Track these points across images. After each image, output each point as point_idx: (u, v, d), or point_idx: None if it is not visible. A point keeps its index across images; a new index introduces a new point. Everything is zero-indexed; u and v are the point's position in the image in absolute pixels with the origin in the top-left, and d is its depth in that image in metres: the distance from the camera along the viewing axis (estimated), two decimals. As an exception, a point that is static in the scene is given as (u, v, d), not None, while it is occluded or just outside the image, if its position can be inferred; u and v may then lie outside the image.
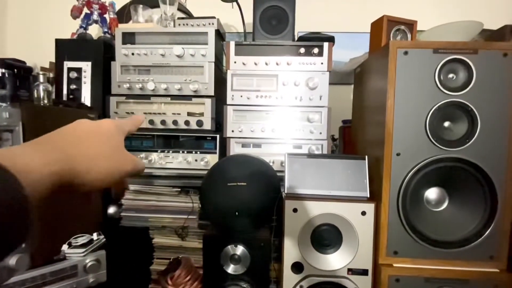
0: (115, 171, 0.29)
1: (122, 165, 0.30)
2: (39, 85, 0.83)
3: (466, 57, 0.69)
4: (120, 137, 0.31)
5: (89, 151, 0.28)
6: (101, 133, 0.30)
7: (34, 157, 0.23)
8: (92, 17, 1.13)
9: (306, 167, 0.79)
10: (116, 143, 0.30)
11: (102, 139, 0.29)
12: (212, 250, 0.79)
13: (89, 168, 0.27)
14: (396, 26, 0.84)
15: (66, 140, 0.27)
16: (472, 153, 0.69)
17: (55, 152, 0.25)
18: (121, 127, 0.33)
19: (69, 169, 0.25)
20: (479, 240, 0.70)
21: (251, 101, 1.01)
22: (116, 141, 0.31)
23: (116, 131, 0.31)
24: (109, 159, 0.29)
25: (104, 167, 0.28)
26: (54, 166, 0.24)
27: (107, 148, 0.29)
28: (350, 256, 0.75)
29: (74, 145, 0.27)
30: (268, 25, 1.02)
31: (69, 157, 0.26)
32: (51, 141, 0.27)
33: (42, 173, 0.23)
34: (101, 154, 0.29)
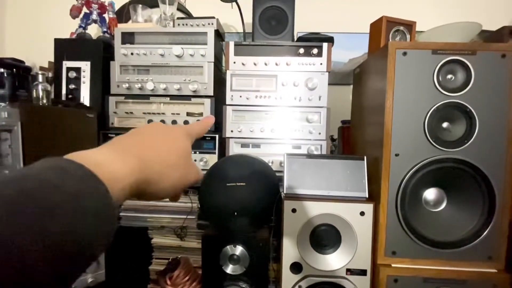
0: (182, 181, 0.29)
1: (188, 175, 0.30)
2: (38, 85, 0.83)
3: (465, 58, 0.69)
4: (189, 146, 0.31)
5: (164, 160, 0.27)
6: (175, 140, 0.29)
7: (118, 165, 0.22)
8: (91, 17, 1.13)
9: (305, 168, 0.80)
10: (186, 152, 0.30)
11: (176, 147, 0.29)
12: (211, 250, 0.79)
13: (161, 177, 0.26)
14: (395, 26, 0.85)
15: (144, 145, 0.27)
16: (470, 154, 0.70)
17: (135, 160, 0.24)
18: (191, 134, 0.32)
19: (145, 178, 0.25)
20: (477, 241, 0.70)
21: (250, 101, 1.01)
22: (186, 150, 0.30)
23: (187, 139, 0.31)
24: (179, 169, 0.28)
25: (174, 176, 0.28)
26: (136, 174, 0.24)
27: (178, 157, 0.29)
28: (349, 256, 0.75)
29: (151, 152, 0.26)
30: (268, 26, 1.02)
31: (146, 166, 0.25)
32: (129, 146, 0.26)
33: (125, 181, 0.22)
34: (173, 163, 0.28)
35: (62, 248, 0.17)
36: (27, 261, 0.15)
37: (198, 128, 0.34)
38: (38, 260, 0.15)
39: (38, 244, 0.16)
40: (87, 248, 0.18)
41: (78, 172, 0.19)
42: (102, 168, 0.21)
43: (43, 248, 0.16)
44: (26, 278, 0.15)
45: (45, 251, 0.16)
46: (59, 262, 0.17)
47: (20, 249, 0.15)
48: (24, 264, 0.15)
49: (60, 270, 0.17)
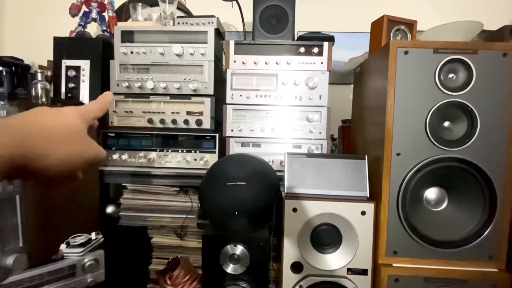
0: (76, 156, 0.29)
1: (83, 151, 0.30)
2: (37, 83, 0.83)
3: (466, 57, 0.69)
4: (82, 125, 0.31)
5: (49, 135, 0.27)
6: (63, 118, 0.30)
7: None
8: (91, 15, 1.12)
9: (305, 167, 0.79)
10: (78, 130, 0.30)
11: (64, 125, 0.29)
12: (211, 250, 0.78)
13: (49, 151, 0.27)
14: (396, 26, 0.84)
15: (24, 124, 0.27)
16: (471, 153, 0.69)
17: (10, 135, 0.25)
18: (85, 115, 0.32)
19: (22, 152, 0.25)
20: (478, 240, 0.70)
21: (250, 101, 1.00)
22: (78, 128, 0.30)
23: (78, 118, 0.31)
24: (71, 144, 0.29)
25: (64, 151, 0.28)
26: (8, 149, 0.24)
27: (69, 133, 0.29)
28: (350, 256, 0.75)
29: (33, 129, 0.27)
30: (268, 24, 1.02)
31: (23, 141, 0.25)
32: (6, 124, 0.26)
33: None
34: (62, 138, 0.28)
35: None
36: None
37: (93, 106, 0.34)
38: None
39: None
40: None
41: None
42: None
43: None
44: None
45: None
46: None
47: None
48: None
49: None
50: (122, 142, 1.02)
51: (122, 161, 1.01)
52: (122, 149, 1.02)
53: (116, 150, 1.02)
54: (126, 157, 1.01)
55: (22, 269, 0.68)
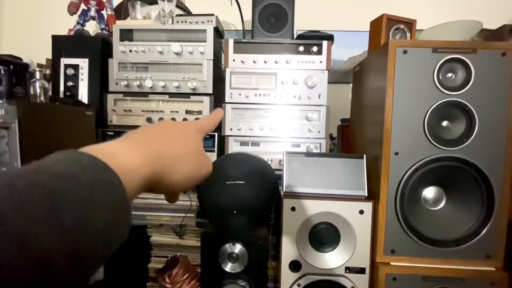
0: (196, 173, 0.29)
1: (202, 167, 0.30)
2: (36, 82, 0.82)
3: (465, 57, 0.69)
4: (200, 140, 0.31)
5: (176, 152, 0.27)
6: (186, 134, 0.30)
7: (130, 156, 0.22)
8: (89, 14, 1.12)
9: (304, 166, 0.79)
10: (197, 146, 0.30)
11: (187, 140, 0.29)
12: (210, 248, 0.79)
13: (175, 169, 0.27)
14: (395, 25, 0.84)
15: (156, 139, 0.27)
16: (470, 152, 0.70)
17: (149, 151, 0.24)
18: (201, 128, 0.33)
19: (158, 170, 0.25)
20: (476, 239, 0.71)
21: (249, 99, 1.00)
22: (197, 144, 0.30)
23: (198, 134, 0.31)
24: (192, 161, 0.29)
25: (188, 168, 0.28)
26: (149, 165, 0.24)
27: (191, 150, 0.29)
28: (348, 254, 0.75)
29: (163, 145, 0.27)
30: (267, 23, 1.01)
31: (160, 157, 0.25)
32: (141, 139, 0.26)
33: (139, 172, 0.22)
34: (187, 155, 0.28)
35: (77, 238, 0.16)
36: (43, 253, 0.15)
37: (208, 122, 0.35)
38: (54, 251, 0.15)
39: (53, 236, 0.15)
40: (102, 239, 0.18)
41: (90, 163, 0.19)
42: (115, 159, 0.21)
43: (58, 239, 0.15)
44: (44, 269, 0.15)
45: (60, 242, 0.16)
46: (75, 253, 0.16)
47: (36, 241, 0.15)
48: (40, 256, 0.15)
49: (76, 261, 0.16)
50: (121, 140, 1.02)
51: (121, 160, 1.01)
52: (121, 148, 1.02)
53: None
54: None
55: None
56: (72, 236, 0.16)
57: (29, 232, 0.15)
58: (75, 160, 0.19)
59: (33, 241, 0.15)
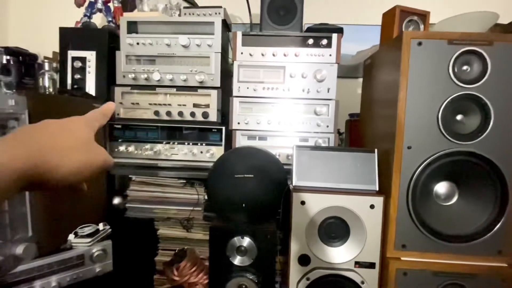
0: (88, 165, 0.29)
1: (94, 159, 0.30)
2: (45, 73, 0.82)
3: (481, 49, 0.67)
4: (89, 133, 0.32)
5: (60, 145, 0.28)
6: (71, 128, 0.30)
7: (1, 151, 0.23)
8: (96, 6, 1.11)
9: (314, 160, 0.79)
10: (86, 138, 0.30)
11: (73, 134, 0.29)
12: (218, 242, 0.79)
13: (61, 162, 0.27)
14: (408, 16, 0.82)
15: (35, 136, 0.27)
16: (484, 147, 0.68)
17: (20, 148, 0.25)
18: (90, 122, 0.33)
19: (35, 164, 0.25)
20: (488, 235, 0.70)
21: (257, 93, 0.99)
22: (87, 136, 0.31)
23: (85, 126, 0.32)
24: (81, 153, 0.29)
25: (77, 161, 0.28)
26: (21, 160, 0.24)
27: (78, 142, 0.29)
28: (358, 249, 0.74)
29: (44, 140, 0.27)
30: (276, 16, 1.00)
31: (36, 152, 0.25)
32: (18, 137, 0.26)
33: (9, 167, 0.23)
34: (73, 148, 0.28)
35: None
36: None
37: (99, 117, 0.35)
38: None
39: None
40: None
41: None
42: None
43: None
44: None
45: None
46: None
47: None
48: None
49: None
50: (129, 134, 1.02)
51: (129, 153, 1.01)
52: (128, 141, 1.02)
53: (122, 142, 1.02)
54: (133, 149, 1.01)
55: (32, 258, 0.68)
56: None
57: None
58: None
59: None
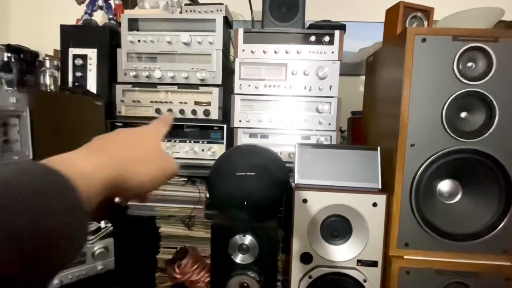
0: (160, 173, 0.30)
1: (166, 167, 0.31)
2: (46, 71, 0.82)
3: (487, 45, 0.66)
4: (158, 141, 0.33)
5: (137, 155, 0.29)
6: (144, 138, 0.31)
7: (86, 162, 0.24)
8: (97, 3, 1.10)
9: (316, 158, 0.78)
10: (158, 147, 0.32)
11: (146, 144, 0.31)
12: (220, 240, 0.78)
13: (138, 171, 0.28)
14: (412, 13, 0.81)
15: (115, 146, 0.28)
16: (489, 144, 0.67)
17: (106, 156, 0.26)
18: (159, 132, 0.34)
19: (118, 173, 0.26)
20: (493, 233, 0.69)
21: (259, 91, 0.99)
22: (158, 145, 0.32)
23: (155, 136, 0.33)
24: (155, 162, 0.30)
25: (152, 169, 0.29)
26: (107, 169, 0.25)
27: (152, 152, 0.31)
28: (360, 247, 0.74)
29: (123, 150, 0.28)
30: (278, 12, 0.99)
31: (119, 162, 0.26)
32: (99, 147, 0.27)
33: (98, 176, 0.24)
34: (148, 157, 0.30)
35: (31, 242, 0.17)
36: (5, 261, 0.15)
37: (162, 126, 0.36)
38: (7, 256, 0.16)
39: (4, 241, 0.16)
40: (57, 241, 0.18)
41: (40, 170, 0.20)
42: (68, 166, 0.21)
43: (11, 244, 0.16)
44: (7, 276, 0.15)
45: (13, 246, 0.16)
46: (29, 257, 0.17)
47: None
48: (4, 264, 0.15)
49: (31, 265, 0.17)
50: (130, 132, 1.02)
51: (130, 151, 1.01)
52: (129, 139, 1.01)
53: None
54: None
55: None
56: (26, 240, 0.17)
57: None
58: (25, 169, 0.20)
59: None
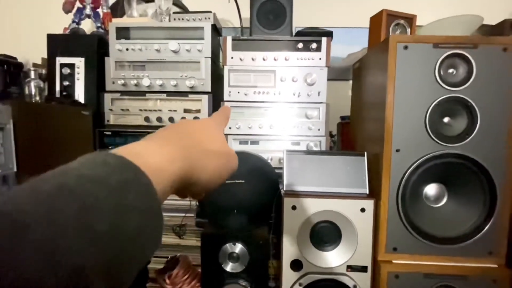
0: (224, 168, 0.28)
1: (230, 162, 0.29)
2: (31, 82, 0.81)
3: (467, 52, 0.68)
4: (222, 133, 0.31)
5: (204, 148, 0.26)
6: (210, 129, 0.29)
7: (159, 155, 0.21)
8: (85, 12, 1.10)
9: (305, 164, 0.79)
10: (221, 139, 0.29)
11: (212, 137, 0.28)
12: (210, 249, 0.78)
13: (205, 165, 0.25)
14: (395, 20, 0.83)
15: (181, 136, 0.26)
16: (471, 148, 0.69)
17: (175, 149, 0.23)
18: (220, 123, 0.32)
19: (189, 166, 0.23)
20: (478, 236, 0.70)
21: (248, 97, 0.99)
22: (221, 137, 0.30)
23: (219, 129, 0.31)
24: (220, 156, 0.27)
25: (217, 164, 0.27)
26: (178, 163, 0.22)
27: (218, 145, 0.28)
28: (349, 253, 0.74)
29: (190, 142, 0.25)
30: (266, 20, 1.00)
31: (188, 156, 0.24)
32: (167, 137, 0.25)
33: (168, 171, 0.21)
34: (214, 151, 0.27)
35: (110, 245, 0.15)
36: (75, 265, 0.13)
37: (224, 117, 0.34)
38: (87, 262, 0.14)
39: (84, 244, 0.14)
40: (136, 245, 0.17)
41: (119, 163, 0.18)
42: (142, 158, 0.19)
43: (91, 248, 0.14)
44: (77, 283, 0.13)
45: (93, 251, 0.14)
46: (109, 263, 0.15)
47: (66, 251, 0.13)
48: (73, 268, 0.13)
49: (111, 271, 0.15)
50: (119, 140, 1.01)
51: (119, 160, 1.00)
52: (119, 148, 1.01)
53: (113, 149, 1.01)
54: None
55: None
56: (105, 244, 0.15)
57: (57, 242, 0.13)
58: (102, 161, 0.18)
59: (63, 252, 0.13)
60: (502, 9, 1.28)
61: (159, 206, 0.19)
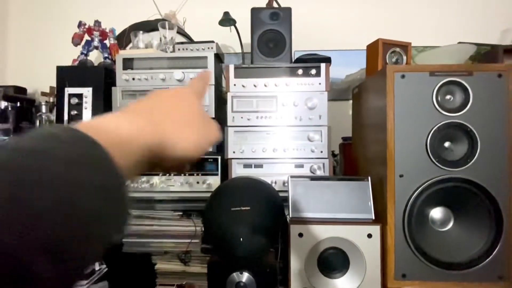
0: (203, 139, 0.26)
1: (209, 133, 0.27)
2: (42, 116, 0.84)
3: (462, 79, 0.70)
4: (200, 103, 0.28)
5: (178, 119, 0.24)
6: (183, 96, 0.27)
7: (123, 127, 0.20)
8: (93, 44, 1.15)
9: (309, 190, 0.79)
10: (199, 110, 0.27)
11: (188, 107, 0.26)
12: (217, 278, 0.77)
13: (179, 138, 0.24)
14: (391, 48, 0.87)
15: (155, 109, 0.24)
16: (474, 172, 0.70)
17: (144, 121, 0.22)
18: (198, 93, 0.29)
19: (159, 138, 0.22)
20: (487, 260, 0.70)
21: (251, 122, 1.01)
22: (198, 107, 0.27)
23: (195, 97, 0.28)
24: (198, 127, 0.26)
25: (194, 135, 0.25)
26: (146, 134, 0.21)
27: (195, 115, 0.26)
28: (358, 280, 0.73)
29: (163, 114, 0.24)
30: (266, 48, 1.04)
31: (159, 127, 0.22)
32: (138, 111, 0.23)
33: (136, 143, 0.20)
34: (190, 121, 0.25)
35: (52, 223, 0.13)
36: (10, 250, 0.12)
37: (201, 84, 0.31)
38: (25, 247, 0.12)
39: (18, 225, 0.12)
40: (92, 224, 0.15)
41: (68, 136, 0.16)
42: (102, 131, 0.18)
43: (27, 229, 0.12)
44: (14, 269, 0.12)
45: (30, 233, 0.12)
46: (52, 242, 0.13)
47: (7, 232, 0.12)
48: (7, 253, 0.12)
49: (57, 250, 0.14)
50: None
51: (125, 187, 1.01)
52: (124, 175, 1.02)
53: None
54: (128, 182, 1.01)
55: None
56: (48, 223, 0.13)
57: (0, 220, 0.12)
58: (49, 134, 0.16)
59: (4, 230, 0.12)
60: (494, 35, 1.31)
61: (121, 181, 0.17)
